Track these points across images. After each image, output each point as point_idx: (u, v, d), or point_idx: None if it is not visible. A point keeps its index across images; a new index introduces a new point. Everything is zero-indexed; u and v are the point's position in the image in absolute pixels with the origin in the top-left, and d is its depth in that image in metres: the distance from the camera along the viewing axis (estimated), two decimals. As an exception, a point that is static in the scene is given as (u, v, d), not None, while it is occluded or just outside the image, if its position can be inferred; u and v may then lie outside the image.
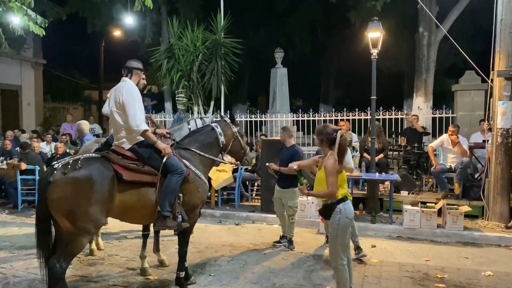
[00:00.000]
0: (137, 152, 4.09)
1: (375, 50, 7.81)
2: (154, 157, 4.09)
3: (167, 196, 4.00)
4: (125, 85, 4.14)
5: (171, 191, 4.01)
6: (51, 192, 3.58)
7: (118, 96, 4.06)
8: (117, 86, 4.19)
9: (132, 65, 4.24)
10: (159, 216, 4.03)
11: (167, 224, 4.07)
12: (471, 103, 10.34)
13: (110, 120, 4.27)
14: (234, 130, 4.83)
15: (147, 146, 4.12)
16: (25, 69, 16.54)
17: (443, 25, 10.14)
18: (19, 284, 4.60)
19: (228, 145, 4.76)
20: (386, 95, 11.90)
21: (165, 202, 4.00)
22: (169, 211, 4.03)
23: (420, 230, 6.72)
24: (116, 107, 4.08)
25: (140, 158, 4.08)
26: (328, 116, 10.81)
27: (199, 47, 10.40)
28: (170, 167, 4.05)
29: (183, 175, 4.11)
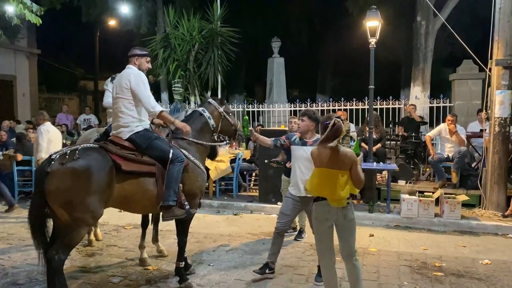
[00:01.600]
0: (135, 142, 4.06)
1: (373, 39, 7.76)
2: (152, 146, 4.06)
3: (171, 185, 3.97)
4: (131, 71, 4.15)
5: (174, 180, 3.99)
6: (49, 183, 3.55)
7: (124, 82, 4.07)
8: (122, 73, 4.20)
9: (135, 52, 4.26)
10: (165, 207, 4.01)
11: (175, 213, 4.06)
12: (469, 92, 10.36)
13: (113, 107, 4.27)
14: (220, 110, 4.76)
15: (145, 136, 4.10)
16: (20, 59, 16.38)
17: (441, 14, 10.10)
18: (18, 275, 4.59)
19: (218, 126, 4.72)
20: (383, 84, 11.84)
21: (170, 192, 3.97)
22: (174, 200, 4.01)
23: (418, 219, 6.75)
24: (122, 93, 4.08)
25: (138, 148, 4.06)
26: (326, 106, 10.80)
27: (196, 36, 10.30)
28: (167, 155, 4.01)
29: (184, 162, 4.09)
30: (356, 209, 7.22)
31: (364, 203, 7.69)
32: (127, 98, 4.09)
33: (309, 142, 4.36)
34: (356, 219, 6.97)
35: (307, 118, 4.36)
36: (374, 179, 7.95)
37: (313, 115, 4.38)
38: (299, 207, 4.44)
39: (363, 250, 5.51)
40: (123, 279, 4.52)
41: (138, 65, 4.23)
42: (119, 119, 4.12)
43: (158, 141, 4.12)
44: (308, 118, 4.36)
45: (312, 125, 4.36)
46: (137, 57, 4.23)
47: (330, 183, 3.54)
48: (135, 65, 4.22)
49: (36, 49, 17.07)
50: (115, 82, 4.28)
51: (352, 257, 3.69)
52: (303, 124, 4.37)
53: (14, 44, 15.41)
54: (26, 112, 16.35)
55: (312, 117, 4.36)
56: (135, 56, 4.23)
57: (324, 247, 3.69)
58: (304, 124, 4.37)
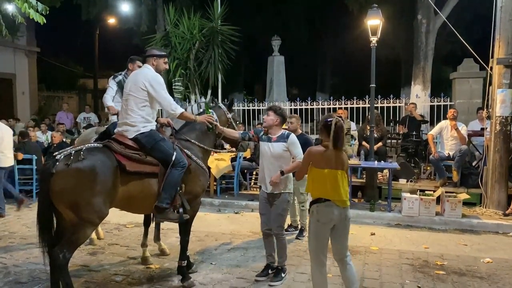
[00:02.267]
0: (140, 142, 4.04)
1: (375, 38, 7.74)
2: (156, 148, 4.04)
3: (169, 189, 3.97)
4: (149, 72, 4.14)
5: (173, 185, 3.99)
6: (54, 183, 3.55)
7: (141, 82, 4.05)
8: (138, 72, 4.21)
9: (153, 52, 4.28)
10: (159, 208, 4.00)
11: (168, 216, 4.06)
12: (469, 91, 10.37)
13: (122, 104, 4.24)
14: (229, 116, 4.81)
15: (150, 137, 4.07)
16: (19, 58, 16.35)
17: (442, 12, 10.09)
18: (20, 274, 4.59)
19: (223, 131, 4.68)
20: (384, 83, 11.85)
21: (166, 195, 3.97)
22: (168, 203, 4.00)
23: (419, 217, 6.76)
24: (136, 93, 4.06)
25: (143, 148, 4.04)
26: (326, 105, 10.80)
27: (196, 34, 10.27)
28: (170, 159, 4.00)
29: (185, 167, 4.08)
30: (357, 207, 7.33)
31: (365, 201, 7.70)
32: (140, 98, 4.07)
33: (273, 138, 4.37)
34: (357, 217, 7.08)
35: (273, 112, 4.38)
36: (375, 177, 7.95)
37: (279, 110, 4.41)
38: (269, 203, 4.46)
39: (365, 248, 5.52)
40: (125, 277, 4.52)
41: (156, 65, 4.22)
42: (127, 116, 4.09)
43: (163, 143, 4.10)
44: (274, 112, 4.38)
45: (277, 120, 4.37)
46: (156, 57, 4.23)
47: (336, 184, 3.52)
48: (152, 66, 4.20)
49: (36, 47, 17.04)
50: (129, 79, 4.25)
51: (347, 257, 3.68)
52: (268, 119, 4.39)
53: (14, 42, 15.37)
54: (26, 110, 16.33)
55: (277, 112, 4.38)
56: (153, 56, 4.23)
57: (322, 247, 3.62)
58: (269, 118, 4.38)
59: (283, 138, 4.35)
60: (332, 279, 4.52)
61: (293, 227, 6.20)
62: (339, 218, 3.55)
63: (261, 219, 4.55)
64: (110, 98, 5.23)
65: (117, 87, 5.22)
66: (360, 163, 7.86)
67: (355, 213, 7.10)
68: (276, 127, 4.38)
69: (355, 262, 4.98)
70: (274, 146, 4.34)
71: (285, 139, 4.34)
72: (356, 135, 9.44)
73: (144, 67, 4.24)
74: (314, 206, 3.60)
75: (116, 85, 5.21)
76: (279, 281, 4.37)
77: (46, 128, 11.47)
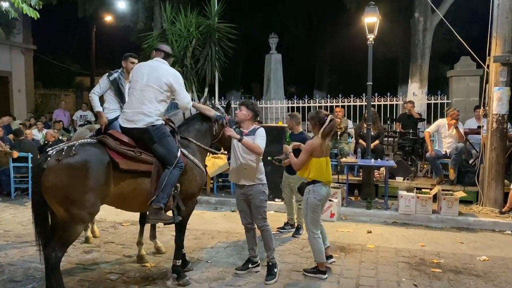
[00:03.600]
0: (149, 133, 4.00)
1: (372, 36, 7.74)
2: (164, 143, 4.01)
3: (166, 188, 3.92)
4: (169, 68, 4.25)
5: (171, 184, 3.94)
6: (46, 179, 3.51)
7: (165, 77, 4.09)
8: (157, 65, 4.19)
9: (167, 50, 4.35)
10: (152, 209, 3.94)
11: (162, 217, 3.98)
12: (466, 89, 10.37)
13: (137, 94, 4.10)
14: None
15: (160, 130, 4.05)
16: (15, 55, 16.25)
17: (439, 10, 10.07)
18: (15, 272, 4.55)
19: (220, 134, 4.63)
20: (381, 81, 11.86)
21: (163, 194, 3.91)
22: (164, 204, 3.94)
23: (416, 215, 6.76)
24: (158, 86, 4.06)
25: (149, 140, 4.00)
26: (323, 103, 10.80)
27: (193, 32, 10.24)
28: (173, 158, 3.98)
29: (182, 168, 4.06)
30: (354, 205, 7.34)
31: (362, 199, 7.71)
32: (162, 92, 4.08)
33: (245, 132, 4.40)
34: (354, 215, 7.10)
35: (245, 107, 4.42)
36: (372, 175, 7.95)
37: (251, 105, 4.45)
38: (245, 198, 4.49)
39: (361, 246, 5.52)
40: (120, 276, 4.50)
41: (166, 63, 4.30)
42: (143, 107, 4.02)
43: (170, 140, 4.08)
44: (246, 107, 4.41)
45: (249, 114, 4.40)
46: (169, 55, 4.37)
47: (327, 168, 4.44)
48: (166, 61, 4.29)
49: (32, 45, 16.93)
50: (141, 70, 4.18)
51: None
52: (240, 114, 4.42)
53: (10, 39, 15.28)
54: (22, 108, 16.24)
55: (249, 107, 4.41)
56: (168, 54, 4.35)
57: (317, 219, 4.47)
58: (241, 113, 4.41)
59: (253, 132, 4.38)
60: (329, 277, 4.51)
61: (290, 225, 6.18)
62: (328, 195, 4.50)
63: (240, 215, 4.65)
64: (98, 101, 5.09)
65: (109, 85, 5.11)
66: (357, 161, 7.86)
67: (352, 211, 7.11)
68: (248, 121, 4.41)
69: (351, 260, 5.02)
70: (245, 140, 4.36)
71: (254, 133, 4.37)
72: (353, 133, 9.43)
73: (161, 61, 4.24)
74: (310, 186, 4.43)
75: (109, 83, 5.10)
76: (273, 278, 4.36)
77: (42, 126, 11.42)
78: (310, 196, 4.39)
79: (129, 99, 4.24)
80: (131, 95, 4.19)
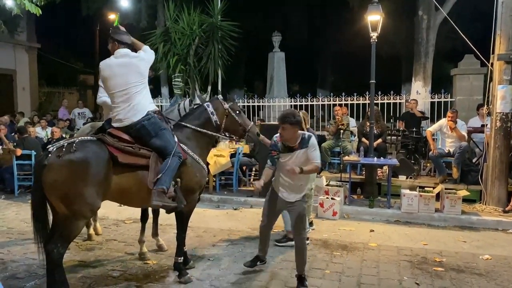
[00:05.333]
0: (145, 128, 3.99)
1: (375, 34, 7.71)
2: (160, 136, 4.01)
3: (168, 171, 3.88)
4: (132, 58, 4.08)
5: (172, 169, 3.91)
6: (46, 175, 3.53)
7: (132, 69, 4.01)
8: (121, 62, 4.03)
9: (127, 41, 4.19)
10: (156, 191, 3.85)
11: (165, 200, 3.88)
12: (470, 87, 10.32)
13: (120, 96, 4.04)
14: (226, 106, 4.57)
15: (156, 124, 4.05)
16: (19, 53, 16.33)
17: (442, 8, 10.03)
18: (17, 269, 4.58)
19: (222, 123, 4.55)
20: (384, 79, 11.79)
21: (165, 177, 3.86)
22: (167, 187, 3.88)
23: (418, 214, 6.74)
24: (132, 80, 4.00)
25: (148, 134, 3.99)
26: (326, 101, 10.80)
27: (196, 30, 10.22)
28: (170, 148, 3.97)
29: (181, 158, 4.06)
30: (357, 204, 7.33)
31: (365, 198, 7.69)
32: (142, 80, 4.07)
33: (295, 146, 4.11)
34: (356, 214, 7.09)
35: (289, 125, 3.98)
36: (375, 174, 7.93)
37: (293, 118, 3.98)
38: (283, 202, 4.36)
39: (363, 245, 5.50)
40: (122, 273, 4.51)
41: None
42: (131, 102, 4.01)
43: (166, 132, 4.08)
44: (290, 125, 3.97)
45: (296, 130, 4.06)
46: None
47: None
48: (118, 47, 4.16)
49: (36, 43, 17.01)
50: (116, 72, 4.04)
51: None
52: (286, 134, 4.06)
53: (14, 38, 15.34)
54: (26, 106, 16.32)
55: (293, 122, 3.98)
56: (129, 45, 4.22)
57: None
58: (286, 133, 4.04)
59: (305, 143, 4.04)
60: (330, 275, 4.51)
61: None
62: None
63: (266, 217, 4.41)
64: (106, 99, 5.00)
65: None
66: (360, 160, 7.84)
67: (354, 209, 7.10)
68: (296, 135, 4.06)
69: (353, 258, 5.00)
70: (298, 155, 4.07)
71: (306, 144, 4.04)
72: (356, 131, 9.41)
73: (124, 55, 4.09)
74: None
75: None
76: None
77: (46, 124, 11.47)
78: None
79: (114, 102, 4.08)
80: (115, 98, 4.05)
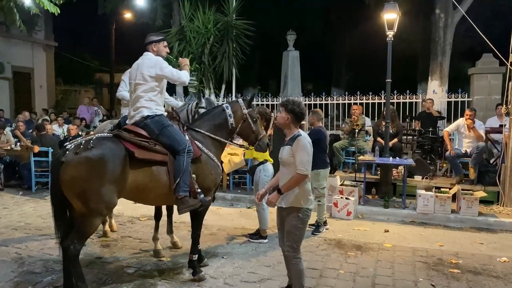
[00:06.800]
0: (149, 126, 4.05)
1: (391, 32, 7.63)
2: (164, 133, 4.05)
3: (180, 175, 3.94)
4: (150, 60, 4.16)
5: (183, 170, 3.96)
6: (64, 172, 3.57)
7: (146, 70, 4.10)
8: (140, 61, 4.20)
9: (152, 39, 4.27)
10: (178, 200, 4.00)
11: (190, 203, 4.03)
12: (488, 87, 10.13)
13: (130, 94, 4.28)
14: (245, 111, 4.58)
15: (159, 122, 4.10)
16: (37, 52, 16.58)
17: (460, 6, 9.86)
18: (34, 264, 4.65)
19: (237, 127, 4.56)
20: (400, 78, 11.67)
21: (180, 183, 3.95)
22: (186, 190, 3.99)
23: (434, 215, 6.66)
24: (144, 81, 4.11)
25: (152, 132, 4.05)
26: (341, 100, 10.72)
27: (211, 29, 10.28)
28: (177, 146, 4.01)
29: (191, 154, 4.07)
30: (371, 204, 7.27)
31: (379, 198, 7.61)
32: (149, 83, 4.12)
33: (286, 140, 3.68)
34: (371, 214, 7.02)
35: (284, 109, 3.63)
36: (390, 174, 7.85)
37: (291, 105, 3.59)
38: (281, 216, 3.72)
39: (378, 245, 5.46)
40: (137, 270, 4.55)
41: (156, 51, 4.25)
42: (138, 103, 4.13)
43: (170, 128, 4.12)
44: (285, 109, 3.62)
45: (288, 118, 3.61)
46: (155, 43, 4.25)
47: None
48: (153, 52, 4.23)
49: (53, 42, 17.24)
50: (132, 69, 4.27)
51: None
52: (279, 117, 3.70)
53: (32, 36, 15.58)
54: (43, 103, 16.57)
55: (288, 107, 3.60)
56: (152, 42, 4.25)
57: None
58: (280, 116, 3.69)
59: (292, 140, 3.56)
60: (344, 275, 4.49)
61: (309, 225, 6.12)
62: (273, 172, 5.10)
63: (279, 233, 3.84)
64: (125, 94, 5.20)
65: None
66: (375, 159, 7.77)
67: (369, 209, 7.04)
68: (290, 126, 3.61)
69: (367, 258, 4.97)
70: (282, 150, 3.64)
71: (292, 142, 3.54)
72: (371, 131, 9.33)
73: (144, 55, 4.25)
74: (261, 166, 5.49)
75: None
76: None
77: (63, 121, 11.63)
78: (261, 174, 5.36)
79: (130, 100, 4.36)
80: (130, 96, 4.33)
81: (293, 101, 3.65)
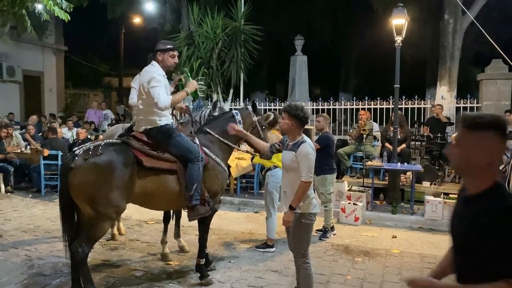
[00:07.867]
0: (156, 137, 4.04)
1: (399, 38, 7.61)
2: (173, 143, 4.05)
3: (193, 185, 3.98)
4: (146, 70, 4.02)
5: (195, 180, 4.00)
6: (73, 178, 3.61)
7: (142, 82, 4.00)
8: (143, 72, 4.10)
9: (158, 47, 4.06)
10: (190, 208, 4.06)
11: (200, 211, 4.11)
12: (497, 92, 10.07)
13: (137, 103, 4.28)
14: (254, 119, 4.63)
15: (166, 132, 4.08)
16: (47, 56, 16.74)
17: (469, 12, 9.83)
18: (43, 267, 4.69)
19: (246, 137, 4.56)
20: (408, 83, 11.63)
21: (193, 192, 3.99)
22: (197, 199, 4.04)
23: (442, 221, 6.60)
24: (143, 92, 4.00)
25: (159, 144, 4.03)
26: (349, 105, 10.69)
27: (219, 34, 10.33)
28: (188, 154, 4.02)
29: (203, 161, 4.10)
30: (379, 210, 7.24)
31: (387, 204, 7.58)
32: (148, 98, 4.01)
33: (289, 145, 3.61)
34: (378, 220, 6.97)
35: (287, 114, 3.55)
36: (398, 180, 7.82)
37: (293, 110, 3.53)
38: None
39: (386, 251, 5.43)
40: (145, 273, 4.58)
41: (161, 61, 4.00)
42: (141, 113, 4.11)
43: (178, 138, 4.10)
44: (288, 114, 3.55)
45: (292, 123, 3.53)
46: (160, 52, 3.99)
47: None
48: (159, 61, 4.01)
49: (63, 46, 17.41)
50: (135, 78, 4.32)
51: None
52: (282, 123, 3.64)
53: (42, 40, 15.74)
54: (53, 107, 16.71)
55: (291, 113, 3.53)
56: (157, 51, 4.00)
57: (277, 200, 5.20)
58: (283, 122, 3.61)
59: (296, 146, 3.50)
60: (352, 281, 4.47)
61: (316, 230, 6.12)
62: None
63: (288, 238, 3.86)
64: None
65: None
66: (383, 165, 7.75)
67: (377, 215, 7.02)
68: (294, 131, 3.55)
69: (375, 264, 4.94)
70: (285, 155, 3.61)
71: (296, 148, 3.49)
72: (379, 136, 9.30)
73: (149, 66, 4.05)
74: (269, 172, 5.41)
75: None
76: None
77: (72, 125, 11.73)
78: (269, 180, 5.31)
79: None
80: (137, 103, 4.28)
81: (295, 105, 3.61)
